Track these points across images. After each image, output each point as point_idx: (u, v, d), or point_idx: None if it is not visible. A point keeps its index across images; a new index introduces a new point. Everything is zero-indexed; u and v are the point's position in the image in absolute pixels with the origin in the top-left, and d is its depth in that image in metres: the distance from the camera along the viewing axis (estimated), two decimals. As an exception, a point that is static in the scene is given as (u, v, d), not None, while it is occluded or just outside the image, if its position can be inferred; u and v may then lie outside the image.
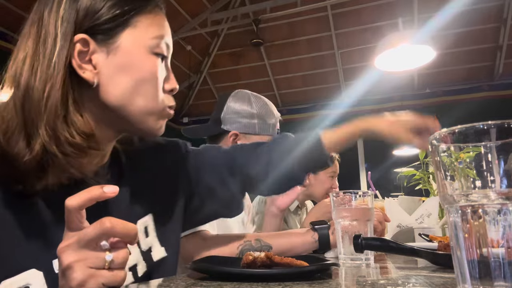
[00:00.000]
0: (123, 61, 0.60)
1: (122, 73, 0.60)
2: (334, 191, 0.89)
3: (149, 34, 0.63)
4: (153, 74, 0.63)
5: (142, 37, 0.62)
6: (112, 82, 0.60)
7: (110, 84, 0.60)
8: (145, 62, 0.62)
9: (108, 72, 0.60)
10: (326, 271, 0.62)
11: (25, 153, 0.53)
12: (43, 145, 0.53)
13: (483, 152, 0.35)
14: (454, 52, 4.90)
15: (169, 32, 0.67)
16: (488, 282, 0.34)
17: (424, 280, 0.56)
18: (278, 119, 1.33)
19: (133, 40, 0.61)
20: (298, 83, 5.86)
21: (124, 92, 0.61)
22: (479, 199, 0.35)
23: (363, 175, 5.62)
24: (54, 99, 0.55)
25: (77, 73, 0.58)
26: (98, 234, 0.44)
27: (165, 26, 0.66)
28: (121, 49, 0.60)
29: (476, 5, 4.40)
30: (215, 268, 0.59)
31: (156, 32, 0.64)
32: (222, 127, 1.28)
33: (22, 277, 0.53)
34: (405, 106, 5.44)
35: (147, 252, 0.69)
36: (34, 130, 0.54)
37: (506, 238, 0.34)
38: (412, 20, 4.77)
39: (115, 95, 0.61)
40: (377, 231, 1.08)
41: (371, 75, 4.95)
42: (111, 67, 0.60)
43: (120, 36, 0.60)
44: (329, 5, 4.83)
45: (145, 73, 0.62)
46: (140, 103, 0.62)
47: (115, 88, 0.60)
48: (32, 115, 0.54)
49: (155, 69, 0.63)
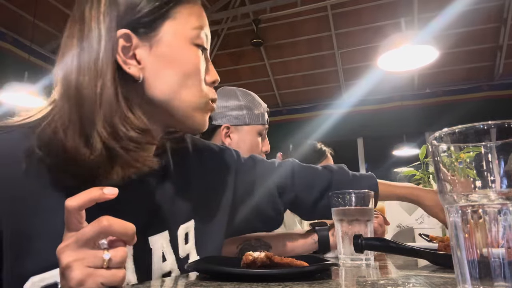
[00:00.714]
0: (166, 54, 0.60)
1: (166, 66, 0.60)
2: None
3: (189, 25, 0.62)
4: (196, 66, 0.62)
5: (183, 28, 0.61)
6: (157, 76, 0.59)
7: (155, 79, 0.59)
8: (187, 54, 0.61)
9: (153, 67, 0.59)
10: (326, 271, 0.62)
11: (86, 152, 0.52)
12: (104, 143, 0.53)
13: (483, 152, 0.35)
14: (454, 52, 4.90)
15: (207, 23, 0.65)
16: (488, 282, 0.34)
17: (424, 280, 0.56)
18: (265, 109, 1.34)
19: (174, 32, 0.60)
20: (298, 83, 5.86)
21: (170, 86, 0.60)
22: (479, 199, 0.35)
23: (363, 175, 5.61)
24: (107, 96, 0.54)
25: (123, 69, 0.57)
26: (96, 233, 0.44)
27: (203, 16, 0.65)
28: (163, 42, 0.59)
29: (476, 5, 4.40)
30: (215, 268, 0.59)
31: (196, 22, 0.62)
32: (213, 123, 1.29)
33: (52, 274, 0.52)
34: (405, 106, 5.45)
35: (184, 260, 0.68)
36: (92, 128, 0.53)
37: (506, 238, 0.34)
38: (412, 20, 4.77)
39: (161, 90, 0.60)
40: (377, 233, 1.07)
41: (371, 75, 4.96)
42: (155, 61, 0.59)
43: (161, 29, 0.59)
44: (329, 5, 4.83)
45: (188, 66, 0.61)
46: (186, 97, 0.61)
47: (160, 83, 0.60)
48: (88, 114, 0.53)
49: (198, 60, 0.62)
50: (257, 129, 1.29)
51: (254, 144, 1.28)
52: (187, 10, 0.62)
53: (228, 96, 1.30)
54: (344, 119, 5.52)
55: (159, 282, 0.58)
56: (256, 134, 1.29)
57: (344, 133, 5.54)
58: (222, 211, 0.77)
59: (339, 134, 5.49)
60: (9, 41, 3.88)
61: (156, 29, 0.59)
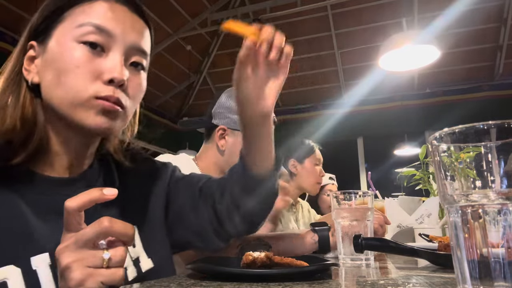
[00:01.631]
0: (49, 55, 0.61)
1: (48, 67, 0.61)
2: (334, 191, 0.89)
3: (74, 23, 0.61)
4: (73, 63, 0.59)
5: (68, 28, 0.61)
6: (43, 78, 0.62)
7: (42, 81, 0.62)
8: (66, 52, 0.60)
9: (42, 70, 0.62)
10: (326, 271, 0.62)
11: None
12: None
13: (483, 152, 0.35)
14: (454, 52, 4.90)
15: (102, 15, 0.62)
16: (488, 282, 0.34)
17: (424, 280, 0.56)
18: None
19: (60, 33, 0.61)
20: (298, 83, 5.86)
21: (49, 86, 0.61)
22: (479, 199, 0.35)
23: (363, 175, 5.62)
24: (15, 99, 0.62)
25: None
26: (97, 233, 0.44)
27: (98, 11, 0.62)
28: (51, 45, 0.61)
29: (476, 5, 4.40)
30: (215, 268, 0.59)
31: (83, 20, 0.61)
32: (213, 121, 1.28)
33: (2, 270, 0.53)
34: (405, 106, 5.45)
35: (136, 261, 0.70)
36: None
37: (506, 238, 0.34)
38: (413, 20, 4.77)
39: (44, 90, 0.62)
40: (378, 234, 1.07)
41: (371, 75, 4.96)
42: (43, 64, 0.62)
43: (52, 34, 0.62)
44: (329, 5, 4.83)
45: (64, 63, 0.60)
46: (59, 94, 0.60)
47: (44, 84, 0.62)
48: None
49: (77, 57, 0.59)
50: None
51: None
52: (83, 10, 0.62)
53: (232, 99, 1.29)
54: (344, 119, 5.52)
55: (159, 282, 0.58)
56: None
57: (344, 133, 5.54)
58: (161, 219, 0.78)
59: (339, 134, 5.48)
60: (9, 41, 3.88)
61: (49, 35, 0.62)
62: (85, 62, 0.59)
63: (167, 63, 5.43)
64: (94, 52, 0.60)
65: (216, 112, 1.28)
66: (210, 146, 1.27)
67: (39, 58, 0.63)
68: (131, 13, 0.65)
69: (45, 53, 0.62)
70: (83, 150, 0.67)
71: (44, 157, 0.63)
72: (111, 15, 0.62)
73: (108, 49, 0.61)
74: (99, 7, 0.62)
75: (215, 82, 6.13)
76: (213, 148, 1.26)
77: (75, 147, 0.65)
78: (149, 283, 0.55)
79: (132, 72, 0.64)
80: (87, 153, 0.68)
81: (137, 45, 0.65)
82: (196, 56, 5.72)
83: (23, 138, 0.59)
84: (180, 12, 4.85)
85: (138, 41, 0.65)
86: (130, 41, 0.63)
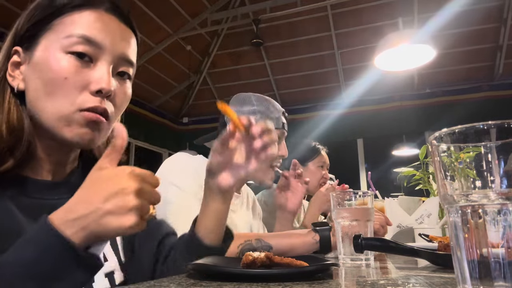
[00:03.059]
0: (36, 64, 0.61)
1: (35, 76, 0.60)
2: (334, 190, 0.89)
3: (63, 33, 0.60)
4: (62, 74, 0.59)
5: (56, 38, 0.60)
6: (29, 86, 0.61)
7: (28, 89, 0.61)
8: (55, 62, 0.59)
9: (28, 77, 0.61)
10: (326, 271, 0.62)
11: None
12: None
13: (483, 152, 0.35)
14: (454, 52, 4.90)
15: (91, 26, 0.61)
16: (488, 282, 0.34)
17: (424, 280, 0.56)
18: (281, 113, 1.32)
19: (48, 43, 0.61)
20: (298, 83, 5.86)
21: (36, 96, 0.60)
22: (479, 199, 0.35)
23: (363, 175, 5.62)
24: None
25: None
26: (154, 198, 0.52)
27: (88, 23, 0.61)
28: (37, 53, 0.61)
29: (476, 5, 4.40)
30: (215, 268, 0.59)
31: (73, 30, 0.60)
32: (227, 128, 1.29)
33: None
34: (405, 106, 5.45)
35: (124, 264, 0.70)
36: None
37: (506, 238, 0.34)
38: (412, 20, 4.77)
39: (30, 100, 0.61)
40: (379, 234, 1.07)
41: (371, 75, 4.96)
42: (29, 72, 0.61)
43: (39, 41, 0.61)
44: (329, 5, 4.83)
45: (52, 74, 0.59)
46: (44, 104, 0.60)
47: (30, 93, 0.61)
48: None
49: (66, 68, 0.59)
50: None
51: None
52: (71, 19, 0.61)
53: (242, 102, 1.30)
54: (344, 119, 5.52)
55: (159, 282, 0.58)
56: None
57: (344, 133, 5.54)
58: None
59: (339, 135, 5.49)
60: (9, 41, 3.88)
61: (35, 42, 0.62)
62: (72, 73, 0.59)
63: (167, 63, 5.43)
64: (82, 63, 0.60)
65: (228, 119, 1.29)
66: None
67: (25, 65, 0.62)
68: (119, 23, 0.65)
69: (31, 60, 0.61)
70: (66, 156, 0.67)
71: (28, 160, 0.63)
72: (100, 26, 0.62)
73: (96, 60, 0.61)
74: (88, 17, 0.62)
75: (215, 82, 6.13)
76: None
77: (58, 154, 0.66)
78: (148, 283, 0.55)
79: (118, 82, 0.65)
80: (69, 159, 0.68)
81: (125, 55, 0.65)
82: (196, 56, 5.72)
83: (11, 144, 0.59)
84: (180, 12, 4.85)
85: (126, 51, 0.65)
86: (118, 52, 0.63)
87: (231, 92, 1.37)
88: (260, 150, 0.71)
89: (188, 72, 5.66)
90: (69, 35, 0.60)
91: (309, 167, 1.97)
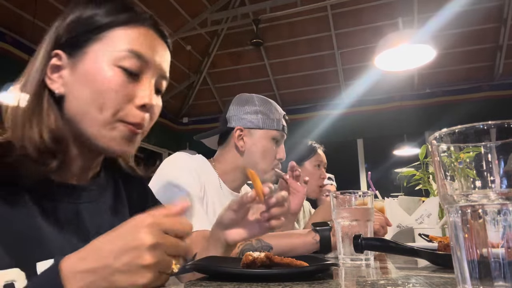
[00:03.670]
0: (84, 73, 0.62)
1: (82, 84, 0.62)
2: (333, 192, 0.89)
3: (116, 47, 0.63)
4: (111, 87, 0.61)
5: (107, 50, 0.63)
6: (73, 93, 0.62)
7: (71, 95, 0.63)
8: (105, 74, 0.62)
9: (72, 84, 0.62)
10: (326, 271, 0.62)
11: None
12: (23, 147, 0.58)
13: (483, 152, 0.35)
14: (454, 52, 4.90)
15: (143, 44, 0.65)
16: (488, 282, 0.34)
17: (424, 280, 0.56)
18: (282, 115, 1.33)
19: (97, 53, 0.62)
20: (298, 83, 5.86)
21: (81, 104, 0.62)
22: (479, 199, 0.35)
23: (363, 175, 5.62)
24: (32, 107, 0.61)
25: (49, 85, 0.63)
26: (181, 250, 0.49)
27: (139, 39, 0.64)
28: (85, 61, 0.62)
29: (476, 5, 4.40)
30: (215, 268, 0.59)
31: (124, 45, 0.63)
32: (228, 125, 1.29)
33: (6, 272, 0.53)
34: (405, 106, 5.45)
35: None
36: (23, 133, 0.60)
37: (506, 238, 0.34)
38: (412, 20, 4.77)
39: (74, 106, 0.63)
40: (379, 235, 1.07)
41: (371, 75, 4.95)
42: (74, 78, 0.62)
43: (86, 50, 0.63)
44: (329, 5, 4.83)
45: (103, 86, 0.61)
46: (90, 112, 0.62)
47: (74, 99, 0.62)
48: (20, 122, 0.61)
49: (115, 82, 0.62)
50: (271, 135, 1.28)
51: (267, 150, 1.28)
52: (121, 34, 0.64)
53: (245, 102, 1.31)
54: (344, 119, 5.52)
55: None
56: (270, 139, 1.28)
57: (344, 133, 5.54)
58: None
59: (339, 135, 5.49)
60: (9, 41, 3.88)
61: (82, 50, 0.63)
62: (121, 87, 0.62)
63: (167, 63, 5.43)
64: (128, 76, 0.63)
65: (230, 116, 1.30)
66: (227, 149, 1.29)
67: (67, 70, 0.63)
68: (160, 40, 0.68)
69: (77, 68, 0.62)
70: (92, 161, 0.69)
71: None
72: (147, 42, 0.65)
73: (141, 74, 0.65)
74: (135, 32, 0.65)
75: (215, 82, 6.13)
76: (232, 151, 1.28)
77: (87, 159, 0.67)
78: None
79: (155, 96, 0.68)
80: (95, 164, 0.70)
81: (163, 71, 0.68)
82: (196, 56, 5.72)
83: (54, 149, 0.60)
84: (180, 12, 4.85)
85: (165, 68, 0.69)
86: (159, 68, 0.67)
87: (231, 92, 1.38)
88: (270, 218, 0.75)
89: (188, 72, 5.65)
90: (119, 49, 0.63)
91: (306, 166, 1.97)
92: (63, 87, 0.63)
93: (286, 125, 1.34)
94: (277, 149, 1.30)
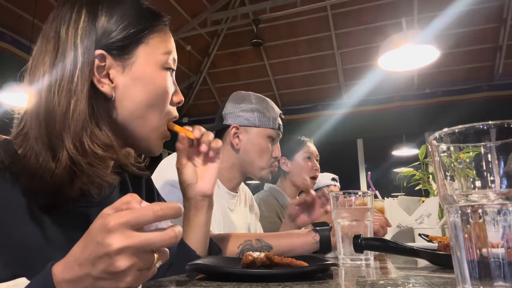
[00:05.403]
0: (138, 76, 0.64)
1: (137, 87, 0.63)
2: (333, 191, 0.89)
3: (160, 50, 0.67)
4: (165, 88, 0.67)
5: (154, 53, 0.66)
6: (127, 96, 0.63)
7: (125, 98, 0.63)
8: (157, 77, 0.66)
9: (124, 87, 0.63)
10: (326, 271, 0.62)
11: (52, 166, 0.55)
12: (71, 157, 0.56)
13: (483, 152, 0.35)
14: (454, 52, 4.90)
15: (174, 46, 0.71)
16: (488, 282, 0.34)
17: (424, 280, 0.56)
18: (278, 114, 1.34)
19: (146, 56, 0.65)
20: (298, 83, 5.86)
21: (138, 106, 0.64)
22: (479, 200, 0.35)
23: (363, 175, 5.62)
24: (80, 113, 0.57)
25: (96, 87, 0.60)
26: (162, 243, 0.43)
27: (171, 42, 0.70)
28: (136, 65, 0.64)
29: (476, 5, 4.40)
30: (215, 268, 0.59)
31: (165, 48, 0.68)
32: (224, 123, 1.30)
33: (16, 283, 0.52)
34: (405, 106, 5.45)
35: None
36: (59, 143, 0.56)
37: (506, 238, 0.34)
38: (412, 20, 4.77)
39: (128, 109, 0.63)
40: (379, 235, 1.07)
41: (371, 75, 4.95)
42: (127, 81, 0.63)
43: (135, 53, 0.64)
44: (329, 5, 4.82)
45: (158, 88, 0.66)
46: (150, 117, 0.65)
47: (130, 102, 0.63)
48: (58, 129, 0.56)
49: (166, 83, 0.67)
50: (267, 133, 1.29)
51: (263, 148, 1.28)
52: (159, 37, 0.67)
53: (242, 99, 1.31)
54: (344, 120, 5.52)
55: (158, 282, 0.58)
56: (266, 137, 1.29)
57: (344, 133, 5.54)
58: None
59: (339, 135, 5.48)
60: (9, 41, 3.88)
61: (130, 53, 0.64)
62: (170, 88, 0.68)
63: (167, 63, 5.43)
64: (169, 77, 0.69)
65: (226, 113, 1.31)
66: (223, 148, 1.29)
67: (115, 71, 0.62)
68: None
69: (128, 70, 0.63)
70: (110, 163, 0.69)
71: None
72: (173, 44, 0.71)
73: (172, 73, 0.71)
74: (168, 35, 0.70)
75: (215, 82, 6.13)
76: (227, 149, 1.28)
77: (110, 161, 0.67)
78: (148, 283, 0.55)
79: None
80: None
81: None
82: (196, 56, 5.72)
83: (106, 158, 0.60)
84: (180, 12, 4.85)
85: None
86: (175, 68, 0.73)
87: (231, 92, 1.38)
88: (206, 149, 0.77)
89: (188, 72, 5.65)
90: (165, 51, 0.67)
91: (296, 159, 1.99)
92: (113, 91, 0.62)
93: (281, 124, 1.34)
94: (273, 147, 1.31)
